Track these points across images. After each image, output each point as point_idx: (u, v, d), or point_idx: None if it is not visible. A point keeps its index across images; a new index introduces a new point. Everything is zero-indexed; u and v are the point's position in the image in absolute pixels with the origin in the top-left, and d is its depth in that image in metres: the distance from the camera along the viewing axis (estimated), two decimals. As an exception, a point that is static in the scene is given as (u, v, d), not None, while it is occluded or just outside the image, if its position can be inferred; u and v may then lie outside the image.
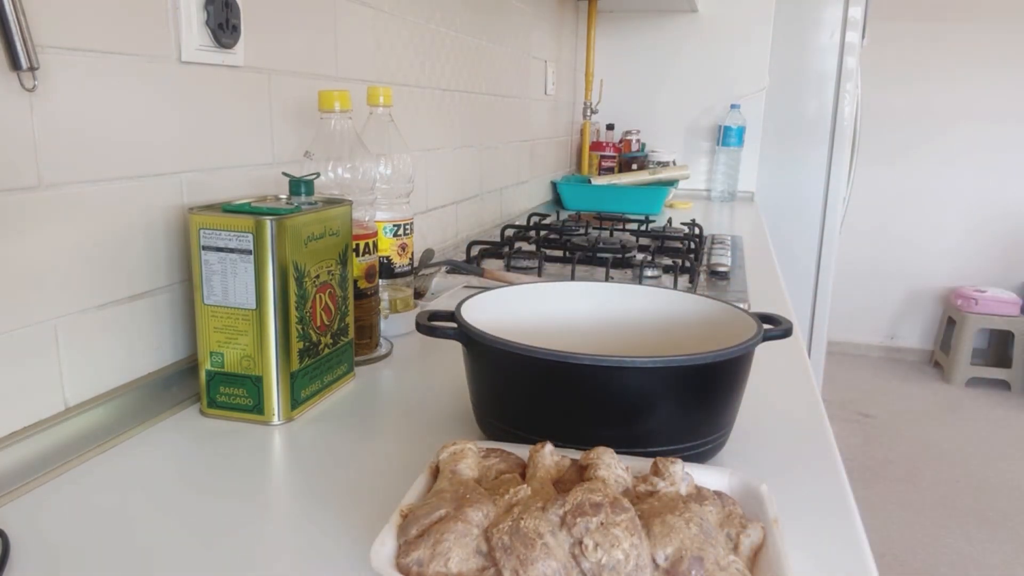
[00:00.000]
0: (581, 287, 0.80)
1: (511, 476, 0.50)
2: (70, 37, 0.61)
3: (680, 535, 0.42)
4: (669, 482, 0.48)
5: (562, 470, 0.51)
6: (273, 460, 0.64)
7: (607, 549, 0.41)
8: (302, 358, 0.72)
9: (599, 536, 0.42)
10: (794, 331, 1.03)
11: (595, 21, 2.50)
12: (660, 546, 0.42)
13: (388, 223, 0.92)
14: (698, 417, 0.60)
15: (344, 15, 1.02)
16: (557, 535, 0.42)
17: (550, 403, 0.59)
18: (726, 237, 1.69)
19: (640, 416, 0.58)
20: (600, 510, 0.43)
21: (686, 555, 0.42)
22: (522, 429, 0.61)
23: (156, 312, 0.73)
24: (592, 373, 0.57)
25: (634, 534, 0.42)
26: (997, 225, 3.71)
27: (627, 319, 0.78)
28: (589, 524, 0.42)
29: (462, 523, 0.44)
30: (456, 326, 0.64)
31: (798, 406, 0.76)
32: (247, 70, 0.82)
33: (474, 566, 0.43)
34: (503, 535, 0.42)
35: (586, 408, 0.58)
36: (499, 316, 0.73)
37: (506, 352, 0.59)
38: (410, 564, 0.43)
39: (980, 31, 3.54)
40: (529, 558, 0.41)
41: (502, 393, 0.63)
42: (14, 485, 0.57)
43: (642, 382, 0.57)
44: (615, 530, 0.42)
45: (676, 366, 0.57)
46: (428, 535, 0.44)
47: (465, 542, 0.43)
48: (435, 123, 1.37)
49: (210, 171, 0.78)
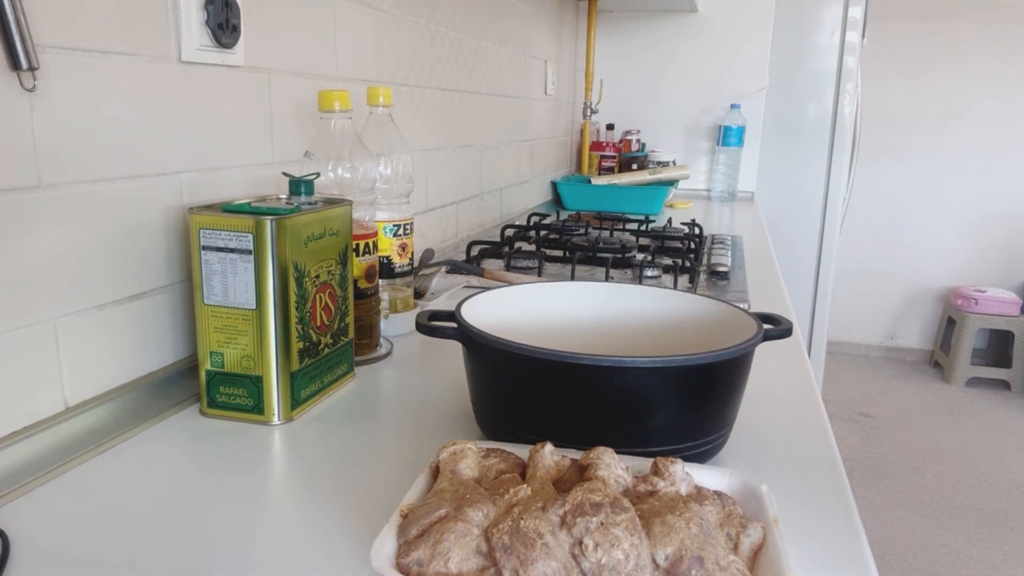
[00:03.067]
0: (581, 287, 0.80)
1: (511, 476, 0.50)
2: (70, 37, 0.61)
3: (680, 535, 0.42)
4: (669, 482, 0.48)
5: (562, 470, 0.51)
6: (273, 460, 0.64)
7: (607, 549, 0.41)
8: (302, 358, 0.72)
9: (599, 536, 0.42)
10: (794, 331, 1.03)
11: (595, 21, 2.50)
12: (660, 546, 0.42)
13: (388, 223, 0.92)
14: (698, 417, 0.60)
15: (344, 15, 1.02)
16: (557, 535, 0.42)
17: (550, 403, 0.59)
18: (726, 237, 1.69)
19: (640, 416, 0.58)
20: (600, 510, 0.43)
21: (686, 555, 0.42)
22: (522, 429, 0.61)
23: (156, 312, 0.73)
24: (592, 373, 0.57)
25: (634, 534, 0.42)
26: (997, 225, 3.71)
27: (627, 319, 0.78)
28: (589, 524, 0.42)
29: (462, 523, 0.44)
30: (456, 326, 0.64)
31: (798, 406, 0.76)
32: (247, 70, 0.82)
33: (474, 566, 0.43)
34: (503, 535, 0.42)
35: (586, 408, 0.58)
36: (499, 316, 0.73)
37: (506, 352, 0.59)
38: (410, 564, 0.43)
39: (980, 30, 3.54)
40: (529, 558, 0.41)
41: (502, 393, 0.63)
42: (14, 485, 0.57)
43: (642, 382, 0.57)
44: (615, 530, 0.42)
45: (676, 366, 0.57)
46: (428, 535, 0.44)
47: (465, 542, 0.43)
48: (435, 123, 1.37)
49: (210, 171, 0.78)
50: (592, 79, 2.57)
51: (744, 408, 0.74)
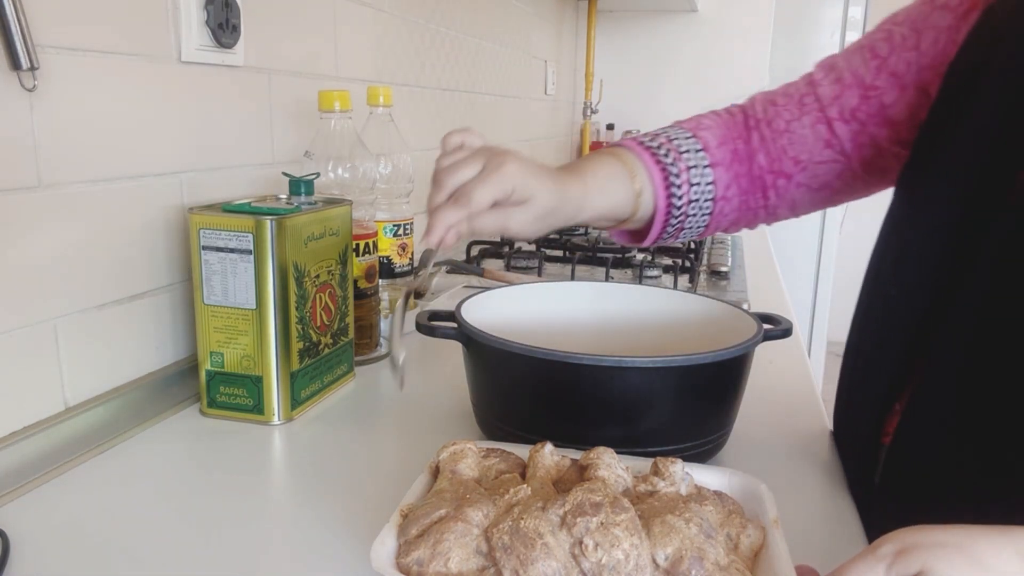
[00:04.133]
0: (581, 287, 0.80)
1: (511, 476, 0.50)
2: (70, 37, 0.61)
3: (680, 535, 0.42)
4: (669, 482, 0.48)
5: (562, 470, 0.51)
6: (273, 460, 0.64)
7: (607, 549, 0.41)
8: (302, 358, 0.72)
9: (599, 536, 0.41)
10: (794, 331, 1.03)
11: (595, 21, 2.50)
12: (660, 546, 0.42)
13: (388, 223, 0.92)
14: (698, 417, 0.60)
15: (344, 15, 1.02)
16: (557, 535, 0.42)
17: (550, 403, 0.59)
18: (726, 237, 1.69)
19: (640, 416, 0.58)
20: (600, 510, 0.43)
21: (686, 555, 0.42)
22: (522, 429, 0.61)
23: (156, 312, 0.73)
24: (592, 373, 0.57)
25: (634, 534, 0.42)
26: (997, 225, 3.70)
27: (627, 319, 0.78)
28: (589, 524, 0.42)
29: (462, 523, 0.44)
30: (456, 326, 0.64)
31: (798, 406, 0.76)
32: (247, 70, 0.82)
33: (474, 566, 0.43)
34: (503, 535, 0.42)
35: (586, 408, 0.58)
36: (499, 316, 0.73)
37: (506, 352, 0.59)
38: (410, 564, 0.43)
39: (980, 31, 3.53)
40: (529, 558, 0.41)
41: (502, 393, 0.63)
42: (14, 485, 0.57)
43: (642, 382, 0.57)
44: (615, 530, 0.42)
45: (676, 366, 0.57)
46: (428, 535, 0.44)
47: (465, 542, 0.43)
48: (435, 123, 1.38)
49: (210, 171, 0.78)
50: (592, 79, 2.57)
51: (744, 408, 0.75)
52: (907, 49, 0.60)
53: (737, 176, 0.68)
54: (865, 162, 0.65)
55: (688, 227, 0.69)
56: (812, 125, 0.65)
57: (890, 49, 0.61)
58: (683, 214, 0.67)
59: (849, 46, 0.66)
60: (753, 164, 0.68)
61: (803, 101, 0.66)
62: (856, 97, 0.63)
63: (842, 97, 0.63)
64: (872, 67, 0.62)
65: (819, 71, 0.67)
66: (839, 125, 0.64)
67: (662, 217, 0.67)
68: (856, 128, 0.63)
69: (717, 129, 0.69)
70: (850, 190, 0.68)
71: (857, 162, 0.65)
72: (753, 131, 0.69)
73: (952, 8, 0.58)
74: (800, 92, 0.67)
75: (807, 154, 0.66)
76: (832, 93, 0.64)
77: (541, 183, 0.57)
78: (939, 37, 0.58)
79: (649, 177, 0.66)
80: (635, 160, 0.66)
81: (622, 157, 0.66)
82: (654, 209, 0.67)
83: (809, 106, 0.66)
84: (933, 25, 0.59)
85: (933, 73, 0.59)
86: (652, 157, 0.66)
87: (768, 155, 0.67)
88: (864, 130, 0.63)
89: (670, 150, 0.67)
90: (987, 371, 0.48)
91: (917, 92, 0.60)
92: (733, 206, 0.69)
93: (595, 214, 0.63)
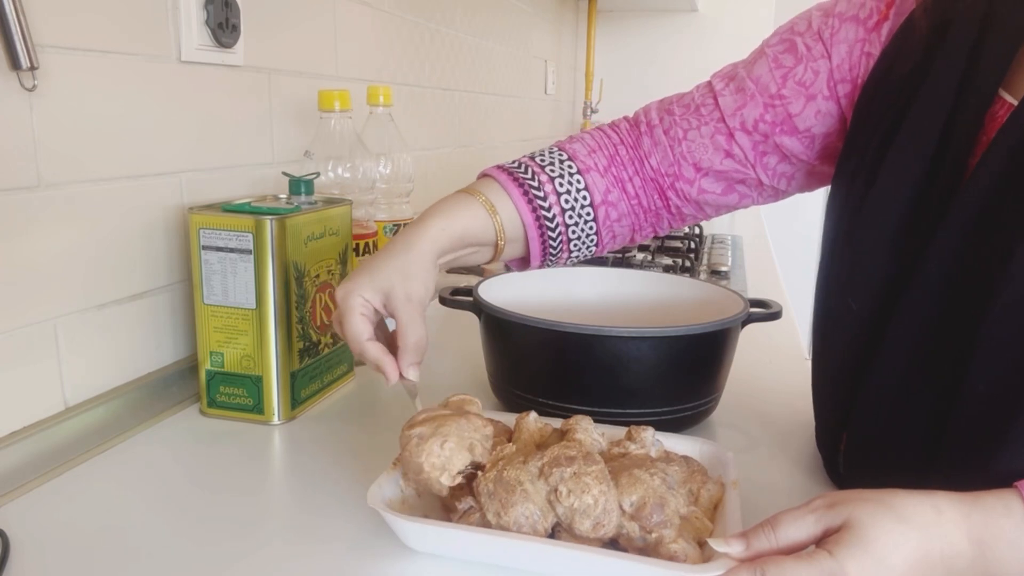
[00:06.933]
0: (587, 271, 0.86)
1: (499, 439, 0.55)
2: (70, 37, 0.61)
3: (645, 485, 0.48)
4: (639, 445, 0.54)
5: (545, 435, 0.56)
6: (273, 460, 0.64)
7: (579, 495, 0.46)
8: (302, 358, 0.72)
9: (572, 484, 0.47)
10: (794, 331, 1.03)
11: (595, 21, 2.50)
12: (626, 494, 0.48)
13: (388, 223, 0.92)
14: (685, 384, 0.67)
15: (344, 15, 1.02)
16: (536, 483, 0.48)
17: (562, 370, 0.66)
18: (726, 237, 1.69)
19: (635, 380, 0.65)
20: (574, 462, 0.48)
21: (649, 501, 0.47)
22: (537, 395, 0.68)
23: (156, 312, 0.73)
24: (580, 341, 0.64)
25: (603, 482, 0.47)
26: (997, 225, 3.70)
27: (630, 300, 0.84)
28: (564, 473, 0.47)
29: (465, 420, 0.51)
30: (472, 299, 0.72)
31: (798, 406, 0.76)
32: (247, 70, 0.82)
33: (461, 463, 0.49)
34: (488, 483, 0.48)
35: (588, 374, 0.65)
36: (511, 297, 0.77)
37: (528, 327, 0.66)
38: (411, 435, 0.49)
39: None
40: (510, 502, 0.47)
41: (519, 364, 0.70)
42: (14, 485, 0.57)
43: (636, 351, 0.64)
44: (586, 478, 0.47)
45: (666, 336, 0.64)
46: (433, 419, 0.50)
47: (464, 435, 0.50)
48: (435, 123, 1.38)
49: (210, 171, 0.78)
50: (592, 79, 2.57)
51: (745, 408, 0.75)
52: (814, 59, 0.61)
53: (620, 180, 0.69)
54: (768, 169, 0.66)
55: (575, 237, 0.68)
56: (711, 136, 0.66)
57: (795, 60, 0.62)
58: (560, 224, 0.67)
59: (747, 57, 0.67)
60: (645, 166, 0.69)
61: (700, 112, 0.67)
62: (760, 107, 0.64)
63: (745, 107, 0.64)
64: (777, 77, 0.63)
65: (719, 81, 0.67)
66: (740, 135, 0.65)
67: (535, 232, 0.67)
68: (758, 139, 0.65)
69: (590, 140, 0.70)
70: (758, 195, 0.69)
71: (760, 169, 0.66)
72: (644, 136, 0.69)
73: (861, 21, 0.60)
74: (697, 102, 0.67)
75: (708, 162, 0.67)
76: (735, 104, 0.65)
77: (416, 309, 0.59)
78: (852, 49, 0.60)
79: (506, 193, 0.66)
80: (488, 183, 0.67)
81: (472, 187, 0.67)
82: (523, 224, 0.66)
83: (707, 116, 0.66)
84: (844, 38, 0.60)
85: (847, 83, 0.60)
86: (506, 174, 0.67)
87: (664, 158, 0.68)
88: (767, 140, 0.64)
89: (529, 167, 0.67)
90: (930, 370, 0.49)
91: (826, 100, 0.62)
92: (623, 210, 0.69)
93: (450, 243, 0.62)
